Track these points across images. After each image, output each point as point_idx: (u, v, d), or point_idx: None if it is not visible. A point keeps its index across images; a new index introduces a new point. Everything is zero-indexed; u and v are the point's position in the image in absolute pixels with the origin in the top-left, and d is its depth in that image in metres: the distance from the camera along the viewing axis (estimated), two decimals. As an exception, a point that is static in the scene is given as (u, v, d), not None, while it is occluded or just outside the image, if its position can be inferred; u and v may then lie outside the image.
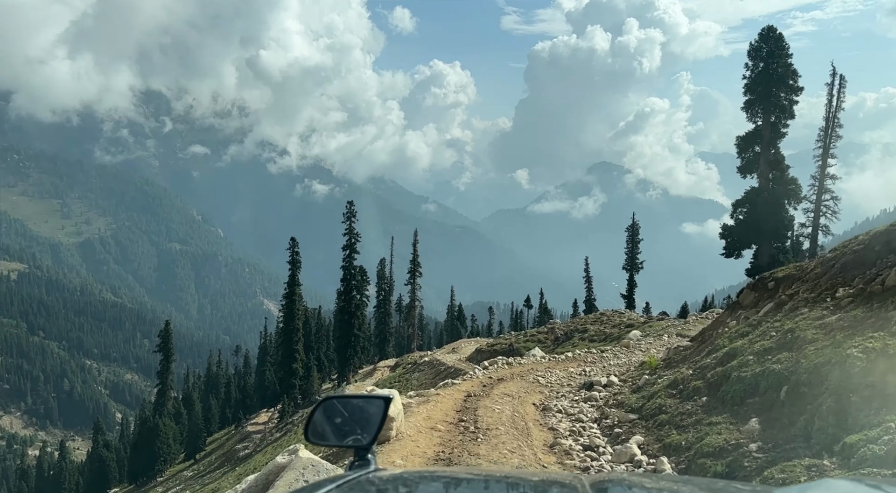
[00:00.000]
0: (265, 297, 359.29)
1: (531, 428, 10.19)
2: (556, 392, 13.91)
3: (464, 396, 13.17)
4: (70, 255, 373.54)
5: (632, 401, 10.20)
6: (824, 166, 34.01)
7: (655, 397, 9.34)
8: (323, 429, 2.32)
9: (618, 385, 12.96)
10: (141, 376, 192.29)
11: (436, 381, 33.77)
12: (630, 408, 9.92)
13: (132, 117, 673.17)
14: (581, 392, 13.35)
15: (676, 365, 11.57)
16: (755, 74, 34.38)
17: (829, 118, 34.38)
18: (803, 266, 10.00)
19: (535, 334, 37.63)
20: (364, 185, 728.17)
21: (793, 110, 34.25)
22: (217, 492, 37.73)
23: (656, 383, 10.38)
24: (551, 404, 12.42)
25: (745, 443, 5.82)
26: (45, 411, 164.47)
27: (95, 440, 72.76)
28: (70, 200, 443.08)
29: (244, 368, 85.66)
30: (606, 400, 11.72)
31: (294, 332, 53.27)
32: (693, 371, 9.10)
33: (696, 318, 24.32)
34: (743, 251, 35.88)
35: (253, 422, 61.84)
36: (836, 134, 34.26)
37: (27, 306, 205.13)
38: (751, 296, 11.70)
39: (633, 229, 56.46)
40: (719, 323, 12.91)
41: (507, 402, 12.38)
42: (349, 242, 51.91)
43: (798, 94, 34.10)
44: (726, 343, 9.01)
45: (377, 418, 2.25)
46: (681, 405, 8.15)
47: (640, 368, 14.35)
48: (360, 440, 2.18)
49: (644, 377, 11.61)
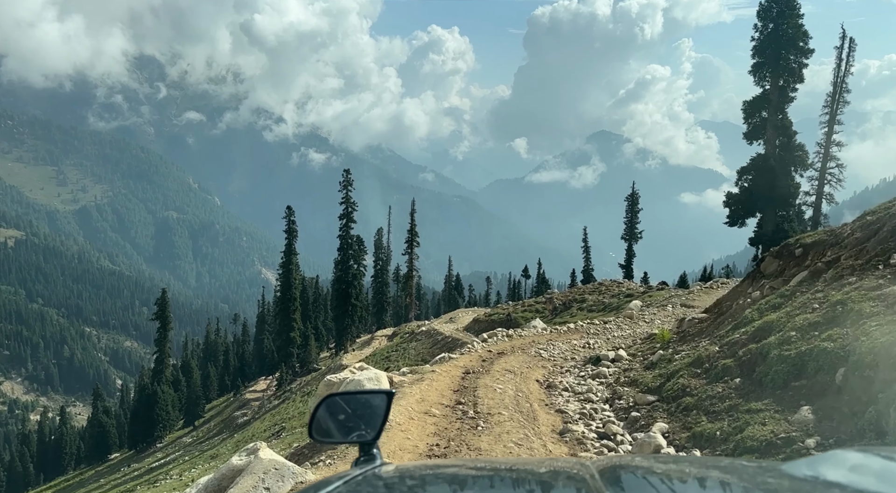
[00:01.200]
0: (263, 265, 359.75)
1: (537, 411, 9.37)
2: (560, 367, 13.13)
3: (462, 373, 12.28)
4: (67, 222, 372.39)
5: (647, 379, 9.30)
6: (830, 133, 33.09)
7: (677, 376, 8.40)
8: (327, 426, 2.31)
9: (627, 360, 12.17)
10: (140, 344, 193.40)
11: (433, 351, 33.60)
12: (646, 387, 9.05)
13: (126, 83, 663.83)
14: (587, 367, 12.53)
15: (693, 339, 10.76)
16: (764, 36, 33.03)
17: (836, 83, 33.34)
18: (836, 231, 9.00)
19: (533, 304, 37.39)
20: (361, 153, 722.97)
21: (802, 74, 32.99)
22: (216, 458, 37.92)
23: (674, 360, 9.53)
24: (556, 380, 11.63)
25: (798, 437, 5.00)
26: (46, 377, 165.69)
27: (95, 407, 73.24)
28: (66, 167, 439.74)
29: (242, 336, 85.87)
30: (617, 377, 10.89)
31: (291, 301, 53.04)
32: (720, 348, 8.22)
33: (700, 288, 23.72)
34: (747, 220, 35.02)
35: (251, 390, 62.13)
36: (844, 100, 33.26)
37: (25, 273, 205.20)
38: (774, 264, 10.67)
39: (632, 198, 55.84)
40: (738, 293, 11.95)
41: (509, 379, 11.52)
42: (346, 212, 51.28)
43: (808, 56, 32.76)
44: (756, 317, 8.22)
45: (380, 412, 2.25)
46: (709, 387, 7.31)
47: (648, 341, 13.57)
48: (364, 436, 2.17)
49: (659, 353, 10.58)
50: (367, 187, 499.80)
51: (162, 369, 59.34)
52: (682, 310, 19.61)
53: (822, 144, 33.45)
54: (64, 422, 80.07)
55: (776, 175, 32.18)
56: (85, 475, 63.60)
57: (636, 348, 13.11)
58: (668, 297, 23.35)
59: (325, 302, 70.08)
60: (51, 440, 79.42)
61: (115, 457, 66.79)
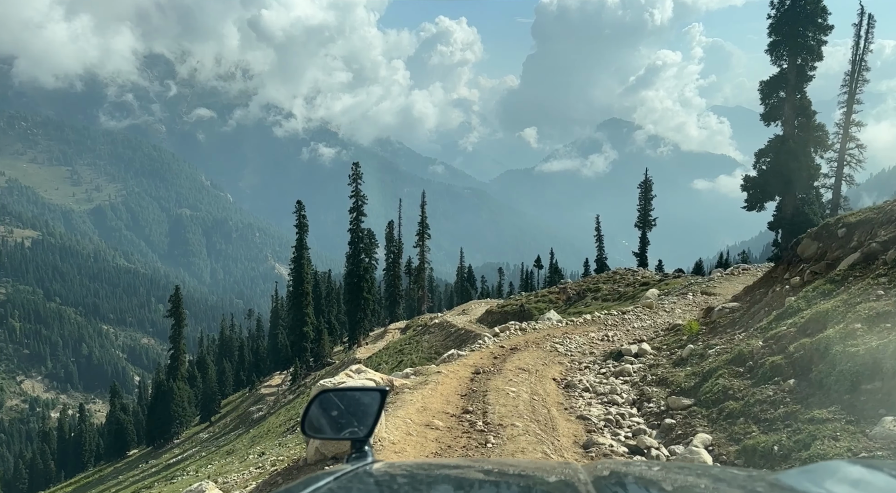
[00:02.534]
0: (276, 261, 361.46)
1: (556, 418, 8.29)
2: (578, 363, 12.14)
3: (471, 373, 11.18)
4: (82, 221, 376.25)
5: (679, 378, 8.27)
6: (849, 112, 32.00)
7: (715, 375, 7.37)
8: (319, 423, 2.31)
9: (652, 355, 11.09)
10: (157, 341, 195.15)
11: (446, 343, 33.22)
12: (679, 388, 8.01)
13: (136, 81, 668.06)
14: (609, 363, 11.45)
15: (725, 331, 9.78)
16: (781, 13, 31.79)
17: (855, 61, 32.20)
18: (885, 208, 8.01)
19: (547, 295, 36.83)
20: (370, 147, 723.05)
21: (821, 51, 31.66)
22: (232, 454, 37.92)
23: (707, 356, 8.53)
24: (575, 379, 10.58)
25: (886, 456, 4.02)
26: (66, 375, 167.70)
27: (113, 404, 73.82)
28: (79, 167, 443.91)
29: (257, 331, 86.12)
30: (642, 375, 9.80)
31: (303, 296, 52.89)
32: (764, 342, 7.18)
33: (720, 275, 22.75)
34: (766, 204, 33.90)
35: (266, 384, 62.22)
36: (863, 78, 32.16)
37: (42, 273, 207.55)
38: (813, 246, 9.58)
39: (645, 186, 54.96)
40: (771, 280, 10.89)
41: (523, 380, 10.42)
42: (356, 205, 50.91)
43: (827, 33, 31.40)
44: (803, 305, 7.29)
45: (373, 409, 2.25)
46: (756, 390, 6.30)
47: (673, 333, 12.54)
48: (356, 433, 2.18)
49: (689, 347, 9.53)
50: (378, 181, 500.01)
51: (177, 366, 59.54)
52: (704, 298, 18.77)
53: (841, 125, 32.39)
54: (83, 420, 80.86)
55: (795, 157, 31.08)
56: (104, 471, 64.15)
57: (660, 341, 12.15)
58: (686, 285, 22.56)
59: (338, 296, 69.96)
60: (70, 437, 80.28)
61: (134, 453, 67.33)
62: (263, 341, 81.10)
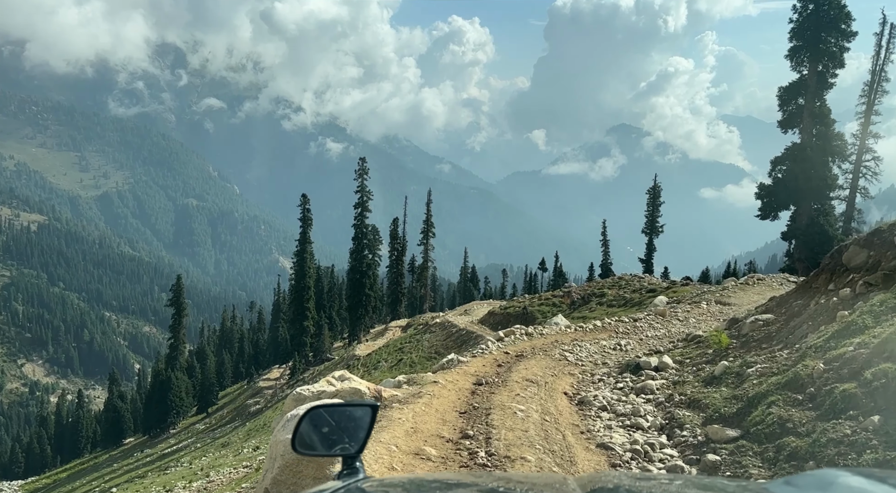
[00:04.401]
0: (280, 254, 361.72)
1: (573, 447, 7.12)
2: (590, 374, 11.25)
3: (472, 384, 10.03)
4: (88, 208, 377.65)
5: (715, 401, 7.25)
6: (867, 123, 31.52)
7: (765, 402, 6.30)
8: (310, 439, 2.30)
9: (674, 369, 10.13)
10: (159, 329, 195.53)
11: (447, 343, 32.96)
12: (717, 414, 6.90)
13: (147, 69, 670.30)
14: (626, 377, 10.43)
15: (761, 347, 8.83)
16: (803, 18, 31.22)
17: (875, 71, 31.77)
18: None
19: (550, 298, 36.51)
20: (378, 144, 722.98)
21: (843, 58, 31.08)
22: (227, 447, 37.79)
23: (747, 375, 7.48)
24: (589, 394, 9.58)
25: None
26: (66, 359, 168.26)
27: (111, 391, 73.92)
28: (88, 154, 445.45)
29: (258, 324, 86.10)
30: (668, 394, 8.71)
31: (305, 290, 52.76)
32: (826, 365, 6.14)
33: (735, 284, 22.28)
34: (780, 213, 33.37)
35: (265, 378, 62.16)
36: (883, 89, 31.73)
37: (47, 258, 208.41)
38: (863, 254, 8.71)
39: (654, 192, 54.62)
40: (812, 290, 9.92)
41: (532, 395, 9.30)
42: (361, 200, 50.76)
43: (850, 40, 30.82)
44: (870, 322, 6.33)
45: (364, 424, 2.23)
46: (827, 426, 5.22)
47: (694, 344, 11.51)
48: (347, 449, 2.18)
49: (722, 364, 8.46)
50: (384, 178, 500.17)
51: (176, 356, 59.53)
52: (719, 308, 18.23)
53: (858, 136, 31.93)
54: (81, 406, 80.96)
55: (813, 165, 30.52)
56: (99, 458, 64.20)
57: (681, 353, 11.18)
58: (698, 293, 22.11)
59: (340, 292, 69.82)
60: (68, 422, 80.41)
61: (130, 442, 67.36)
62: (264, 334, 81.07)
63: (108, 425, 71.57)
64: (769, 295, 19.14)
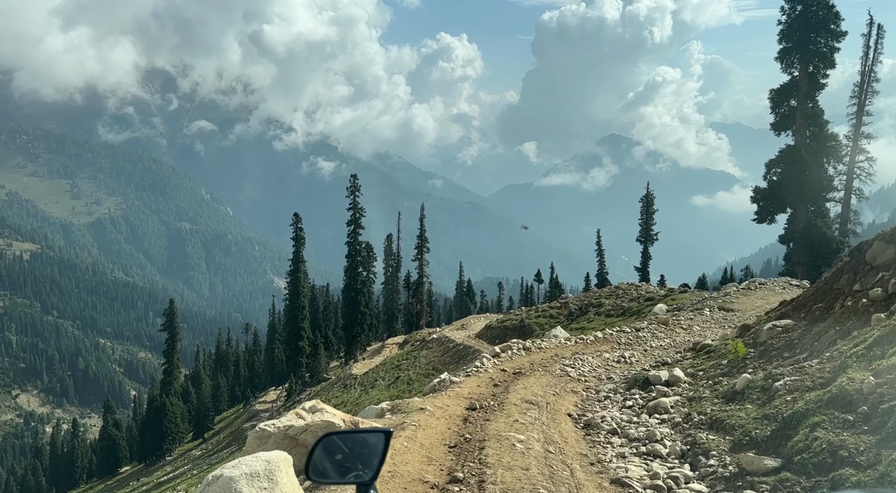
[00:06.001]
0: (275, 275, 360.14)
1: (583, 486, 6.17)
2: (595, 391, 10.41)
3: (464, 409, 8.96)
4: (81, 235, 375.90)
5: (743, 422, 6.38)
6: (859, 124, 31.46)
7: (806, 423, 5.44)
8: (324, 467, 2.32)
9: (687, 383, 9.30)
10: (154, 355, 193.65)
11: (444, 359, 32.50)
12: (747, 438, 6.00)
13: (137, 94, 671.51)
14: (635, 393, 9.59)
15: (782, 356, 8.22)
16: (792, 19, 31.21)
17: (864, 72, 31.80)
18: None
19: (547, 309, 36.19)
20: (370, 161, 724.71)
21: (833, 59, 31.06)
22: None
23: (775, 390, 6.64)
24: (596, 414, 8.72)
25: None
26: (62, 389, 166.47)
27: (105, 420, 72.77)
28: (80, 181, 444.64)
29: (253, 346, 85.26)
30: (685, 413, 7.87)
31: (300, 310, 52.23)
32: (877, 377, 5.31)
33: (736, 289, 21.87)
34: (777, 216, 33.02)
35: (261, 400, 61.33)
36: (873, 89, 31.71)
37: (40, 286, 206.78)
38: (890, 251, 8.04)
39: (647, 200, 54.61)
40: (833, 292, 9.16)
41: (533, 420, 8.34)
42: (353, 218, 50.46)
43: (840, 39, 30.81)
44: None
45: (378, 451, 2.26)
46: (892, 452, 4.42)
47: (705, 355, 10.81)
48: (361, 476, 2.21)
49: (744, 377, 7.63)
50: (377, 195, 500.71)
51: (171, 381, 58.71)
52: (722, 314, 17.80)
53: (850, 137, 31.82)
54: (76, 435, 79.71)
55: (808, 167, 30.35)
56: (95, 489, 63.01)
57: (692, 365, 10.36)
58: (700, 300, 21.74)
59: (336, 310, 69.24)
60: (63, 453, 79.01)
61: (126, 470, 66.19)
62: (260, 356, 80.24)
63: (104, 454, 70.36)
64: (772, 300, 18.79)
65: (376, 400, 28.78)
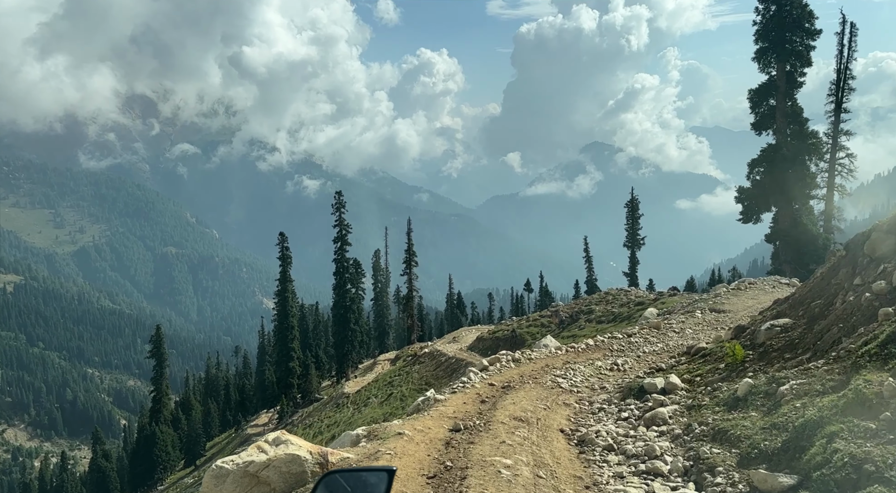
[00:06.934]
0: (264, 296, 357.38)
1: None
2: (589, 403, 9.94)
3: (448, 430, 8.33)
4: (66, 264, 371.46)
5: (749, 433, 5.92)
6: (837, 122, 31.81)
7: (822, 432, 4.92)
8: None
9: (684, 390, 8.83)
10: (144, 382, 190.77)
11: (437, 373, 32.15)
12: (755, 450, 5.57)
13: (118, 120, 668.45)
14: (630, 404, 9.14)
15: (782, 357, 7.87)
16: (766, 19, 31.61)
17: (840, 69, 32.23)
18: None
19: (538, 319, 36.07)
20: (355, 178, 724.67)
21: (810, 57, 31.51)
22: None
23: (781, 395, 6.25)
24: (590, 429, 8.20)
25: None
26: (50, 421, 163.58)
27: (95, 451, 71.34)
28: (62, 209, 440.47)
29: (243, 368, 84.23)
30: (685, 424, 7.41)
31: (289, 330, 51.65)
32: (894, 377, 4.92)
33: (727, 290, 21.73)
34: (762, 215, 33.14)
35: (253, 424, 60.37)
36: (849, 86, 32.14)
37: (25, 318, 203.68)
38: (889, 241, 7.65)
39: (632, 205, 54.85)
40: (832, 287, 8.74)
41: (522, 440, 7.79)
42: (340, 234, 50.14)
43: (815, 38, 31.31)
44: None
45: (381, 489, 2.29)
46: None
47: (700, 359, 10.37)
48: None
49: (746, 382, 7.19)
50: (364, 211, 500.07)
51: (160, 409, 57.70)
52: (714, 316, 17.62)
53: (830, 135, 32.15)
54: (65, 468, 77.98)
55: (790, 165, 30.57)
56: (86, 523, 61.58)
57: (687, 370, 9.88)
58: (690, 302, 21.62)
59: (326, 329, 68.64)
60: (52, 487, 77.24)
61: (117, 502, 64.82)
62: (250, 379, 79.23)
63: (94, 486, 68.85)
64: (763, 299, 18.68)
65: (369, 418, 28.34)
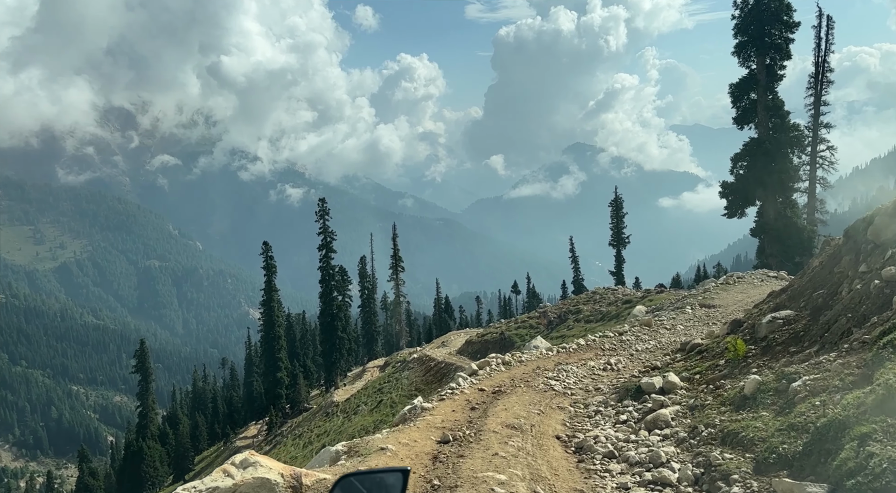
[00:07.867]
0: (250, 306, 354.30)
1: None
2: (584, 406, 9.47)
3: (435, 443, 7.70)
4: (47, 281, 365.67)
5: (764, 435, 5.48)
6: (817, 115, 32.19)
7: (851, 434, 4.41)
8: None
9: (685, 389, 8.42)
10: (130, 397, 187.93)
11: (427, 378, 31.91)
12: (773, 454, 5.11)
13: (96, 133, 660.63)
14: (628, 405, 8.70)
15: (788, 351, 7.51)
16: (745, 13, 31.88)
17: (818, 62, 32.62)
18: None
19: (527, 320, 35.99)
20: (338, 185, 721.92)
21: (789, 50, 31.79)
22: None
23: (794, 393, 5.81)
24: (588, 434, 7.75)
25: None
26: (35, 441, 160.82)
27: (81, 469, 70.04)
28: (42, 226, 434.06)
29: (231, 380, 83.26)
30: (688, 424, 7.00)
31: (276, 340, 51.13)
32: None
33: (715, 285, 21.62)
34: (747, 209, 33.32)
35: (242, 436, 59.63)
36: (828, 79, 32.51)
37: (7, 336, 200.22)
38: (894, 225, 7.26)
39: (616, 204, 55.09)
40: (833, 276, 8.39)
41: (516, 450, 7.22)
42: (325, 242, 49.78)
43: (794, 30, 31.61)
44: None
45: (397, 490, 2.31)
46: None
47: (697, 355, 9.98)
48: None
49: (753, 379, 6.79)
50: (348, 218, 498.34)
51: (147, 424, 56.83)
52: (705, 311, 17.50)
53: (810, 128, 32.48)
54: (51, 488, 76.57)
55: (773, 158, 30.80)
56: (74, 543, 60.41)
57: (684, 367, 9.45)
58: (678, 298, 21.59)
59: (314, 337, 68.07)
60: (37, 508, 75.92)
61: (106, 521, 63.66)
62: (238, 391, 78.34)
63: (81, 506, 67.63)
64: (752, 293, 18.69)
65: (360, 426, 28.03)
